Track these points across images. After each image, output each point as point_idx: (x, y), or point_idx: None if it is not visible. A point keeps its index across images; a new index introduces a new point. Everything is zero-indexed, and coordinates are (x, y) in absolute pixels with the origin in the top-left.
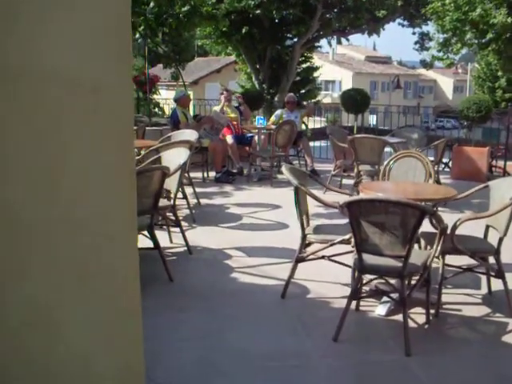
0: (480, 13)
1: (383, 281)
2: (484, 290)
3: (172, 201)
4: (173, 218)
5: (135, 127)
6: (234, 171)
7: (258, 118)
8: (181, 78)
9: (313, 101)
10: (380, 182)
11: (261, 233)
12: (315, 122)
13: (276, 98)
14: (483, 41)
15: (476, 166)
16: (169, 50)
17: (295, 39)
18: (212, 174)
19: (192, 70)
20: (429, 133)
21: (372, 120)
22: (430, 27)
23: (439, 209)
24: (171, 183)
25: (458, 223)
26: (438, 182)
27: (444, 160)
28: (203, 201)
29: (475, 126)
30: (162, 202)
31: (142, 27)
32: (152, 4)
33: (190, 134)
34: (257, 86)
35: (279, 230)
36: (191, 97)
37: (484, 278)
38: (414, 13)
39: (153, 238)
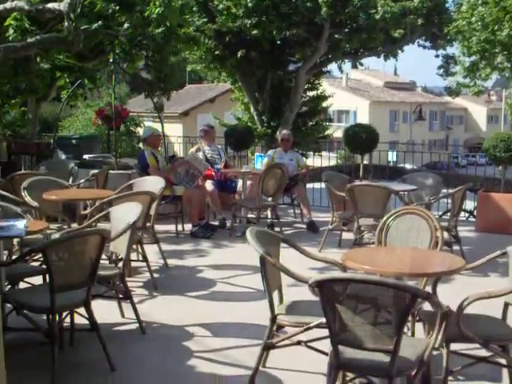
0: (508, 33)
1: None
2: (505, 382)
3: (121, 268)
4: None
5: (95, 171)
6: (215, 224)
7: (258, 155)
8: (157, 111)
9: (321, 135)
10: (369, 250)
11: (236, 304)
12: (324, 160)
13: (277, 133)
14: None
15: (506, 216)
16: (152, 77)
17: (300, 64)
18: (188, 226)
19: (182, 100)
20: (458, 171)
21: (392, 157)
22: (455, 49)
23: (450, 277)
24: (119, 246)
25: (464, 304)
26: (455, 237)
27: (469, 207)
28: (172, 261)
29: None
30: (108, 270)
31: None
32: (126, 25)
33: (154, 183)
34: (255, 118)
35: (259, 300)
36: (186, 130)
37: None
38: (437, 32)
39: (90, 317)
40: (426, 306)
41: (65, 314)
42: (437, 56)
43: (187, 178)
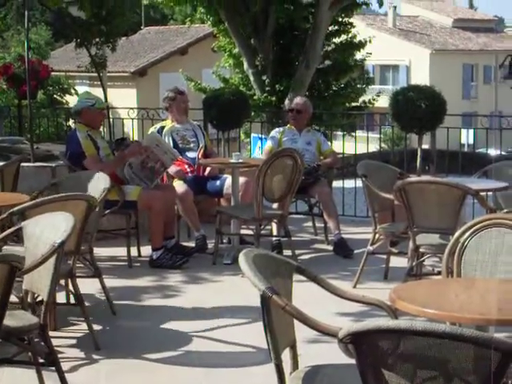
0: None
1: None
2: None
3: (42, 316)
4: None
5: None
6: (190, 245)
7: (256, 137)
8: (96, 69)
9: (355, 104)
10: (434, 285)
11: (223, 372)
12: (360, 143)
13: (287, 101)
14: None
15: None
16: (87, 15)
17: None
18: (147, 250)
19: (136, 51)
20: None
21: (467, 137)
22: None
23: None
24: (38, 281)
25: None
26: None
27: None
28: (122, 306)
29: None
30: (21, 319)
31: None
32: None
33: (92, 181)
34: (251, 78)
35: (259, 364)
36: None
37: None
38: None
39: None
40: None
41: None
42: None
43: (143, 174)
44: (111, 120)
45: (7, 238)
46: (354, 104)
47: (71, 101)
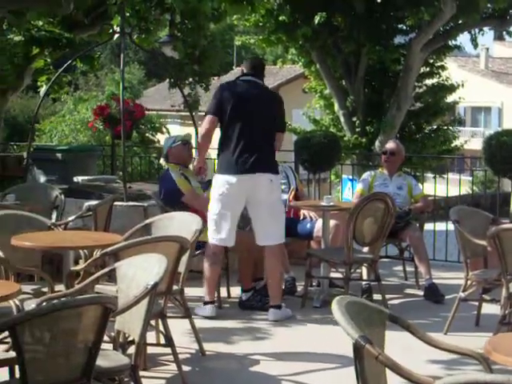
0: None
1: None
2: None
3: (133, 356)
4: None
5: (92, 203)
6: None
7: (346, 179)
8: (189, 109)
9: (446, 147)
10: None
11: None
12: (452, 186)
13: (377, 143)
14: None
15: None
16: (181, 56)
17: (412, 34)
18: (236, 291)
19: None
20: None
21: None
22: None
23: None
24: (131, 322)
25: None
26: None
27: None
28: (212, 347)
29: None
30: (113, 360)
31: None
32: None
33: (185, 223)
34: (342, 119)
35: None
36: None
37: None
38: None
39: None
40: None
41: None
42: None
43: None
44: None
45: (100, 278)
46: (445, 147)
47: (162, 139)
